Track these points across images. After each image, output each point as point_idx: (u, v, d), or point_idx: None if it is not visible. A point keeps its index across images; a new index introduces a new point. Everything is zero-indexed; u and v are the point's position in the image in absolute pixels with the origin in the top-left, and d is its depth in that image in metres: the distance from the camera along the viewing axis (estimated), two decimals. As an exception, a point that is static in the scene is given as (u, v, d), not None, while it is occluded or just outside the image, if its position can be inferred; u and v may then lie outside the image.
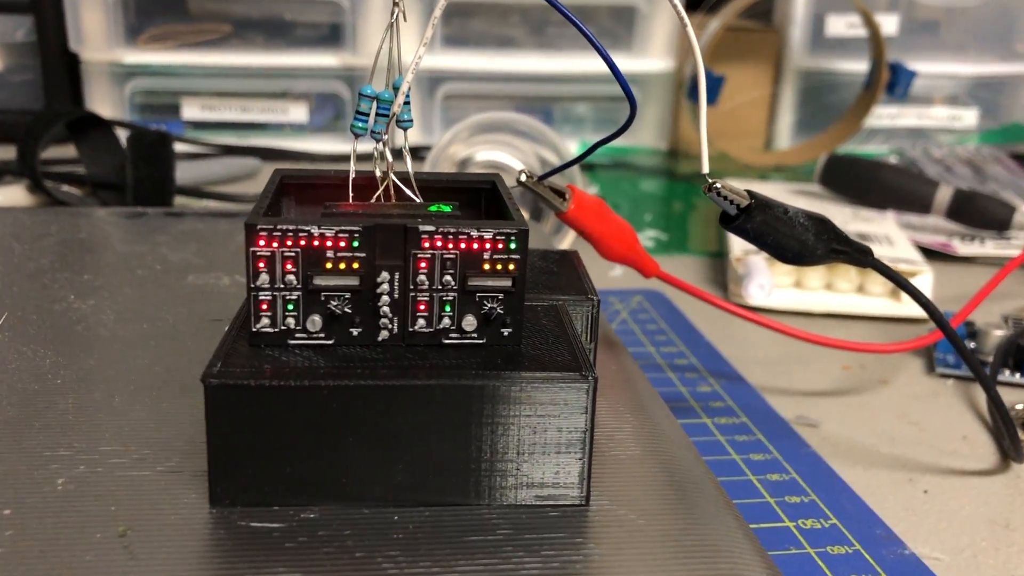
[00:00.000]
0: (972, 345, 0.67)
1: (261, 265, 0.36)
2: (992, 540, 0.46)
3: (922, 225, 0.93)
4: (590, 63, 1.21)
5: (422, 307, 0.37)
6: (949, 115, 1.29)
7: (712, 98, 1.18)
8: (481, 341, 0.37)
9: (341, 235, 0.36)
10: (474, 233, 0.36)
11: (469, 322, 0.37)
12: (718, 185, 0.41)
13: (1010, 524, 0.48)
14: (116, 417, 0.41)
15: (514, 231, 0.36)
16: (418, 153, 1.20)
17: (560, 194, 0.51)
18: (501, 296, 0.37)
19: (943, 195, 0.91)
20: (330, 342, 0.37)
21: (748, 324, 0.59)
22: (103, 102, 1.19)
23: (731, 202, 0.42)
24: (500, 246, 0.36)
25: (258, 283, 0.36)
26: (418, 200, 0.41)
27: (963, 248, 0.88)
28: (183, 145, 1.14)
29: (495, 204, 0.43)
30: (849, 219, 0.90)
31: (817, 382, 0.65)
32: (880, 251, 0.81)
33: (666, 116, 1.28)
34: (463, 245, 0.36)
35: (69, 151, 0.98)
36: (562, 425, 0.35)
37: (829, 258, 0.44)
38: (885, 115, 1.27)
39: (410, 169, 0.42)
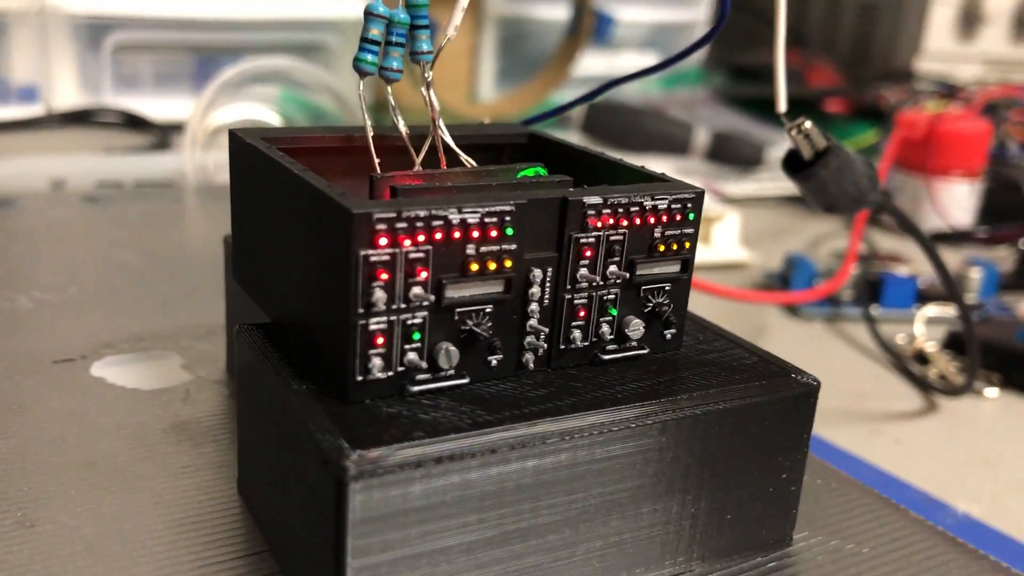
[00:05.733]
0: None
1: (385, 276, 0.22)
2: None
3: (683, 168, 0.94)
4: (283, 8, 1.07)
5: (581, 314, 0.26)
6: (634, 61, 1.32)
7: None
8: (644, 351, 0.27)
9: (490, 219, 0.23)
10: (647, 203, 0.26)
11: (635, 327, 0.27)
12: (808, 124, 0.34)
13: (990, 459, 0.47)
14: None
15: (691, 196, 0.27)
16: (89, 118, 0.99)
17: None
18: (668, 287, 0.27)
19: (701, 138, 0.92)
20: (465, 381, 0.25)
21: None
22: None
23: (812, 144, 0.35)
24: (677, 218, 0.26)
25: (372, 304, 0.23)
26: (472, 164, 0.29)
27: (731, 189, 0.89)
28: None
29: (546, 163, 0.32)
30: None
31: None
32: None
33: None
34: (638, 220, 0.26)
35: None
36: (777, 450, 0.27)
37: (871, 205, 0.39)
38: (580, 64, 1.27)
39: (439, 122, 0.30)
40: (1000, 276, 0.68)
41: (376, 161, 0.29)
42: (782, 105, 0.34)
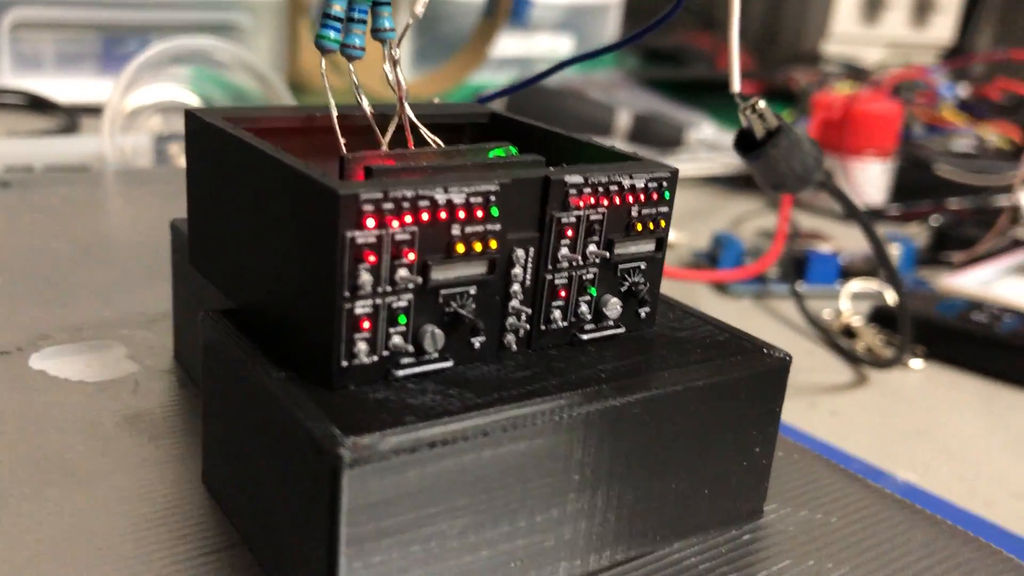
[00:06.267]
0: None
1: (372, 259, 0.22)
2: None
3: (605, 150, 0.94)
4: (191, -15, 1.03)
5: (562, 294, 0.26)
6: (549, 43, 1.33)
7: (342, 26, 1.08)
8: (620, 330, 0.27)
9: (475, 199, 0.23)
10: (626, 182, 0.26)
11: (613, 306, 0.27)
12: (762, 104, 0.35)
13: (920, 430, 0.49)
14: None
15: (667, 175, 0.27)
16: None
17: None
18: (643, 266, 0.27)
19: (623, 119, 0.93)
20: (449, 364, 0.24)
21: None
22: None
23: (765, 124, 0.36)
24: (654, 197, 0.26)
25: (358, 288, 0.22)
26: (439, 143, 0.29)
27: (653, 170, 0.90)
28: None
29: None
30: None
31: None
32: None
33: (282, 45, 1.14)
34: (617, 200, 0.26)
35: None
36: (751, 424, 0.27)
37: (816, 184, 0.40)
38: (498, 45, 1.27)
39: (404, 101, 0.30)
40: (916, 252, 0.71)
41: (342, 141, 0.28)
42: (736, 85, 0.35)
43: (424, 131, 0.29)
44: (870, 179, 0.84)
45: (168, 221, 0.34)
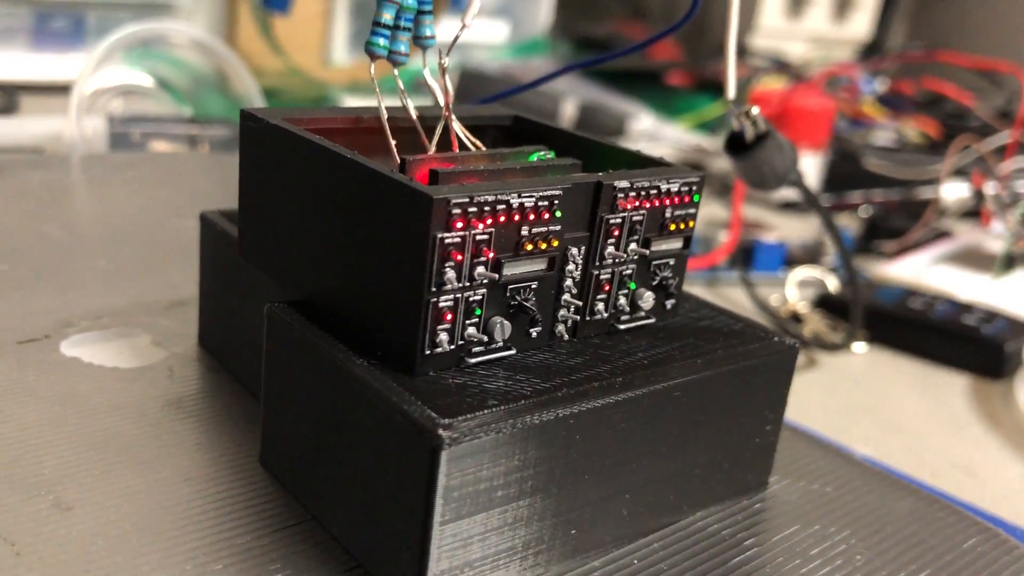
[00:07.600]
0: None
1: (458, 258, 0.24)
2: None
3: (551, 138, 0.96)
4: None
5: (606, 288, 0.28)
6: (485, 29, 1.34)
7: (284, 4, 1.08)
8: (651, 320, 0.30)
9: (542, 203, 0.25)
10: (663, 186, 0.28)
11: (647, 298, 0.29)
12: (755, 111, 0.38)
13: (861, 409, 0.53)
14: None
15: (696, 179, 0.29)
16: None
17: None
18: (672, 261, 0.30)
19: (569, 108, 0.95)
20: (512, 352, 0.26)
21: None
22: None
23: (756, 128, 0.39)
24: (686, 199, 0.29)
25: (444, 284, 0.24)
26: (481, 147, 0.31)
27: (597, 158, 0.93)
28: None
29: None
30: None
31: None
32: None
33: (219, 23, 1.13)
34: (656, 202, 0.28)
35: None
36: (765, 404, 0.30)
37: (790, 183, 0.43)
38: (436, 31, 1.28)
39: (441, 102, 0.32)
40: (852, 242, 0.75)
41: (392, 143, 0.30)
42: (731, 92, 0.38)
43: (467, 135, 0.31)
44: (805, 171, 0.88)
45: (155, 207, 0.35)
